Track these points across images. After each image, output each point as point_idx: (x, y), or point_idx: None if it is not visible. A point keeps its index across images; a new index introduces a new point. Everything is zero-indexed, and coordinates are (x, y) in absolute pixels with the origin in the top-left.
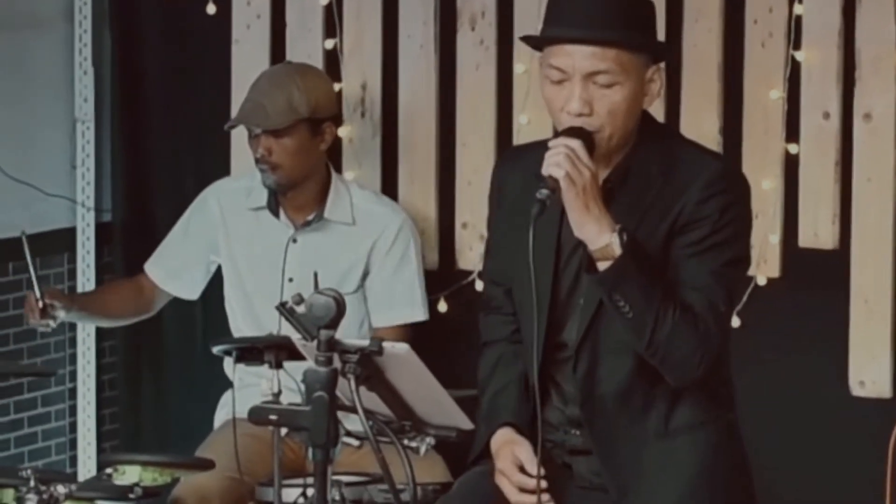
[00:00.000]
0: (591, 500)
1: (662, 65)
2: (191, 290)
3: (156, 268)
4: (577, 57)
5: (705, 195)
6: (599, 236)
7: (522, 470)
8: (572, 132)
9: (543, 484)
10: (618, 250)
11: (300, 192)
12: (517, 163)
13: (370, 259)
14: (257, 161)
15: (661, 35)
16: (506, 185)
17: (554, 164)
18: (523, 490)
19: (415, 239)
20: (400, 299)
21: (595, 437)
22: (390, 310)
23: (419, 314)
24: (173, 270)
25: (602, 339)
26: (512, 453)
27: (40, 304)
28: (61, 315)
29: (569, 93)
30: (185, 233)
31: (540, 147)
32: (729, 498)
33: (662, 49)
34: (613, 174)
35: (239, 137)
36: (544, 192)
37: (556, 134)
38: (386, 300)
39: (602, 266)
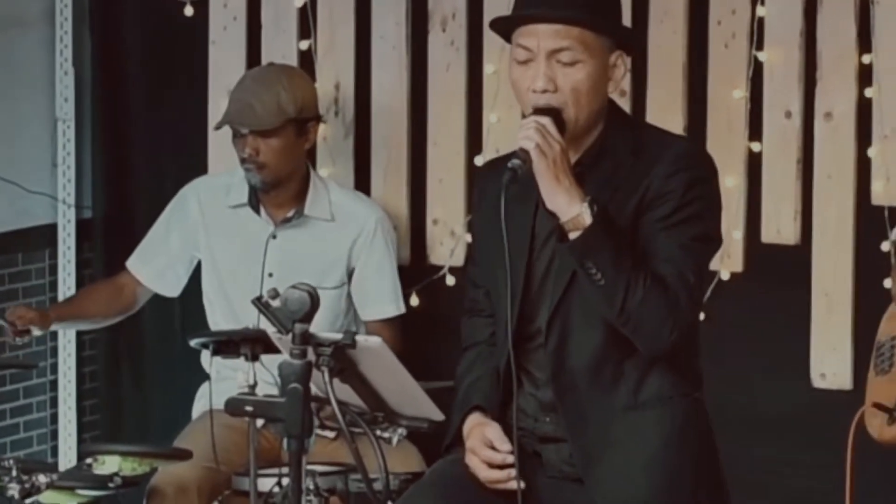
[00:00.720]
0: (561, 490)
1: (628, 58)
2: (175, 287)
3: (141, 267)
4: (542, 35)
5: (671, 170)
6: (570, 207)
7: (492, 448)
8: (542, 111)
9: (511, 458)
10: (588, 220)
11: (282, 190)
12: (497, 172)
13: (352, 255)
14: (243, 161)
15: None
16: (487, 192)
17: (525, 138)
18: (492, 466)
19: (392, 234)
20: (385, 293)
21: (565, 409)
22: (377, 304)
23: (399, 308)
24: (158, 269)
25: (572, 315)
26: (482, 433)
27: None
28: (37, 333)
29: (534, 71)
30: (167, 231)
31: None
32: (695, 470)
33: (624, 33)
34: (584, 156)
35: (216, 136)
36: (516, 162)
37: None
38: (371, 295)
39: (573, 236)
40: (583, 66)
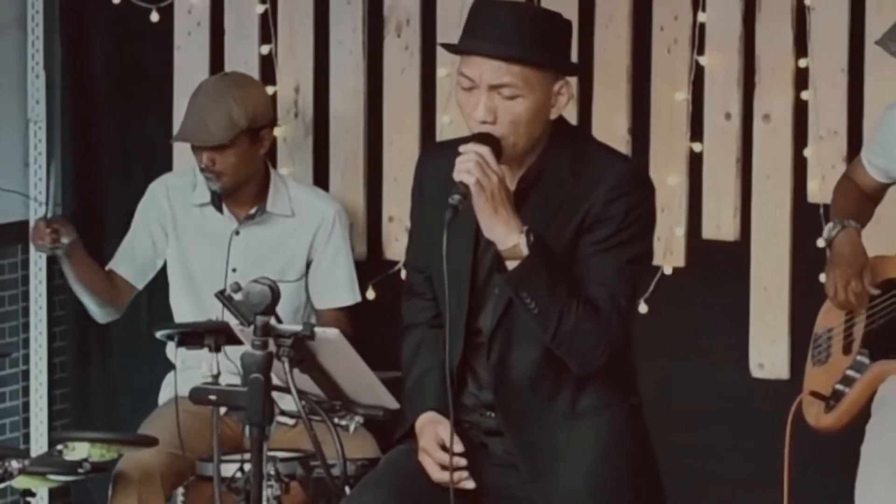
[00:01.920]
0: (506, 477)
1: (573, 83)
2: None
3: (127, 268)
4: (484, 69)
5: (612, 196)
6: (508, 237)
7: (444, 448)
8: (482, 138)
9: (462, 462)
10: (525, 250)
11: (242, 191)
12: (437, 158)
13: (312, 248)
14: (202, 170)
15: (573, 40)
16: (427, 179)
17: (465, 171)
18: (444, 468)
19: (347, 226)
20: (341, 283)
21: (507, 420)
22: (333, 293)
23: (356, 297)
24: (142, 267)
25: (514, 329)
26: (434, 432)
27: (49, 229)
28: (65, 242)
29: (476, 100)
30: (143, 230)
31: (458, 144)
32: (633, 474)
33: (568, 66)
34: (527, 175)
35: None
36: (456, 197)
37: (468, 138)
38: (328, 284)
39: (510, 265)
40: (523, 100)
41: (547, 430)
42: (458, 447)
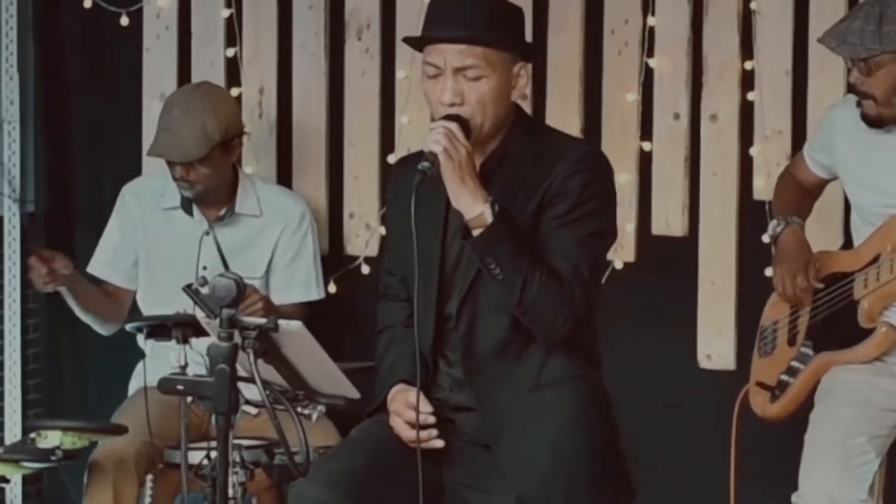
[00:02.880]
0: (472, 452)
1: (529, 66)
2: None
3: (119, 276)
4: (448, 54)
5: (570, 171)
6: (473, 206)
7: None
8: (450, 118)
9: (432, 419)
10: (489, 218)
11: (213, 195)
12: (407, 169)
13: (278, 245)
14: (175, 178)
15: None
16: (399, 187)
17: (433, 141)
18: (414, 427)
19: (313, 226)
20: (299, 280)
21: (475, 389)
22: (290, 289)
23: (315, 293)
24: (127, 271)
25: (480, 302)
26: (404, 397)
27: (44, 266)
28: (65, 273)
29: (442, 85)
30: (120, 235)
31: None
32: (595, 443)
33: (525, 47)
34: (490, 159)
35: (150, 137)
36: (425, 164)
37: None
38: (286, 280)
39: (476, 234)
40: (487, 80)
41: (512, 400)
42: (428, 407)
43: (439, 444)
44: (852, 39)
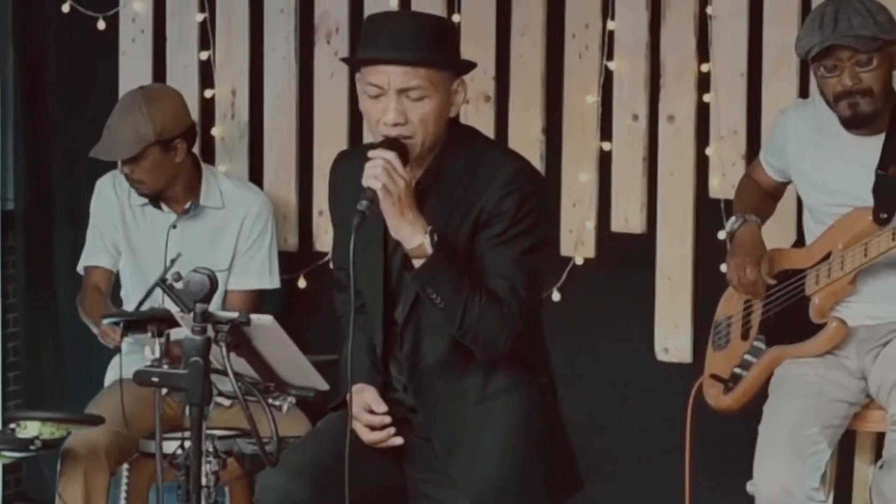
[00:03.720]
0: (428, 449)
1: (465, 82)
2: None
3: (101, 260)
4: (392, 75)
5: (503, 192)
6: (413, 237)
7: (371, 412)
8: (389, 144)
9: (388, 419)
10: (429, 249)
11: (172, 191)
12: (347, 163)
13: (240, 236)
14: (125, 177)
15: (491, 48)
16: (340, 185)
17: (372, 177)
18: (373, 429)
19: (272, 217)
20: (254, 268)
21: (421, 404)
22: (243, 276)
23: (268, 282)
24: (113, 256)
25: (423, 321)
26: (362, 400)
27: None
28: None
29: (385, 106)
30: (100, 224)
31: (366, 149)
32: (546, 449)
33: (464, 65)
34: (425, 176)
35: None
36: (364, 203)
37: (375, 144)
38: (241, 268)
39: (417, 263)
40: (429, 100)
41: (459, 413)
42: (383, 408)
43: (398, 441)
44: (862, 32)
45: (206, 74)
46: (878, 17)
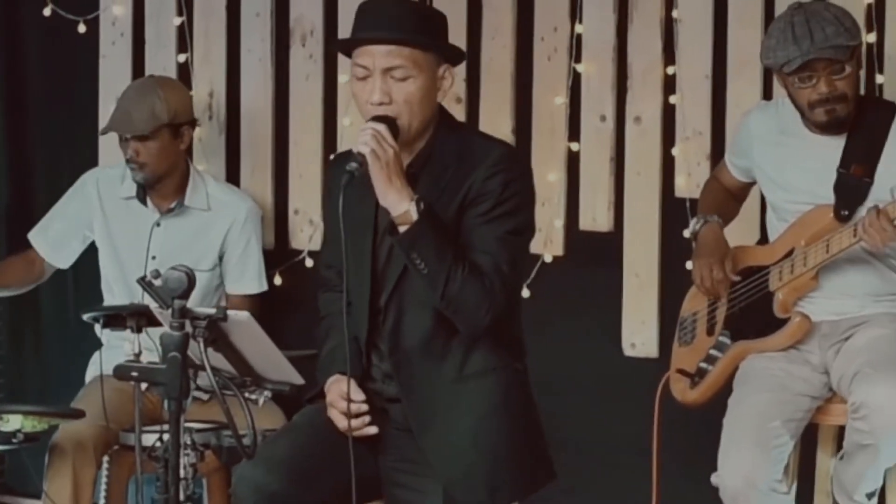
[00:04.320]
0: (403, 439)
1: (454, 69)
2: (67, 259)
3: (41, 240)
4: (377, 55)
5: (490, 173)
6: (399, 204)
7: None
8: (379, 119)
9: (365, 407)
10: (415, 216)
11: (164, 184)
12: (342, 166)
13: (226, 241)
14: (127, 161)
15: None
16: (334, 184)
17: (362, 143)
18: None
19: (258, 222)
20: (251, 273)
21: (401, 381)
22: (242, 281)
23: (262, 286)
24: (55, 242)
25: (406, 299)
26: (339, 388)
27: None
28: None
29: (371, 86)
30: (65, 210)
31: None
32: (516, 431)
33: (449, 50)
34: (415, 161)
35: (105, 136)
36: (353, 165)
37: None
38: (239, 273)
39: (402, 230)
40: (413, 80)
41: (437, 391)
42: (360, 396)
43: (373, 430)
44: (837, 42)
45: (184, 76)
46: (845, 24)
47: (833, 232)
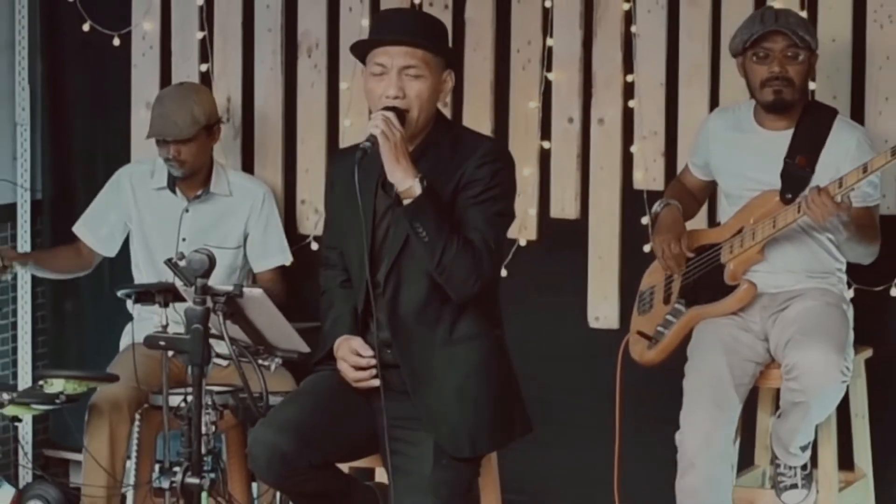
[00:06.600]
0: (398, 402)
1: (453, 74)
2: (113, 248)
3: (88, 233)
4: (395, 55)
5: (481, 162)
6: (405, 180)
7: (357, 355)
8: (388, 108)
9: (373, 361)
10: (418, 191)
11: (197, 175)
12: (342, 160)
13: (248, 222)
14: (167, 160)
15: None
16: (336, 176)
17: (374, 126)
18: (358, 368)
19: (274, 203)
20: (272, 248)
21: (398, 345)
22: (267, 257)
23: (287, 258)
24: (102, 235)
25: (404, 271)
26: (348, 345)
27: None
28: (17, 269)
29: (387, 83)
30: (106, 206)
31: (357, 148)
32: (496, 390)
33: (453, 54)
34: (416, 150)
35: (136, 137)
36: (366, 144)
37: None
38: (262, 251)
39: (407, 202)
40: (424, 79)
41: (428, 354)
42: (369, 351)
43: (375, 383)
44: (800, 31)
45: (206, 84)
46: (809, 28)
47: (779, 211)
